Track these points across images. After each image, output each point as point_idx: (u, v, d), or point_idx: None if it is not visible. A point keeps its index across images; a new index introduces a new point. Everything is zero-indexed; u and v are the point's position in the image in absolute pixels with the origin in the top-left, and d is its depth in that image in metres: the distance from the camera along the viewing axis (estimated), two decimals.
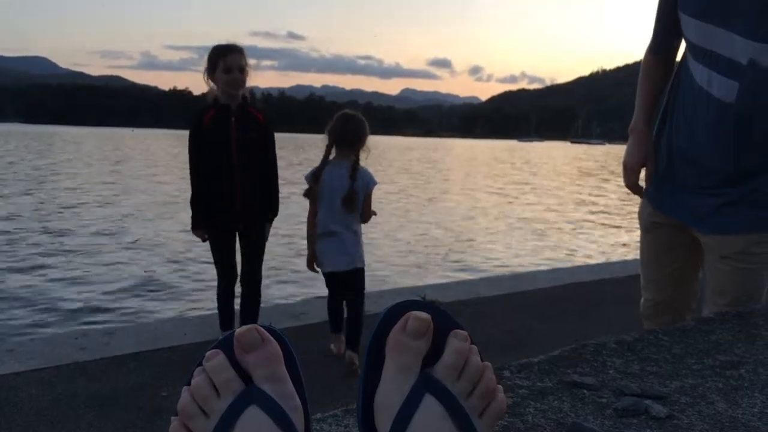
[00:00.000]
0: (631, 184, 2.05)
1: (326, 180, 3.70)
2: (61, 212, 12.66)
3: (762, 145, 1.77)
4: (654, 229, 2.10)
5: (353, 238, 3.77)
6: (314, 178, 3.74)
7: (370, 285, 6.95)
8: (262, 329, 0.52)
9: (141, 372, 3.64)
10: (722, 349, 1.40)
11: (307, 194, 3.78)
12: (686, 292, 2.12)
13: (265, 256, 3.99)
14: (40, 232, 10.24)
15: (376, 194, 3.97)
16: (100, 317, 5.77)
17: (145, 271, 7.69)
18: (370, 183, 3.75)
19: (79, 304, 6.17)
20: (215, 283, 4.03)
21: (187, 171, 3.86)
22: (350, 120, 3.76)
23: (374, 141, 4.03)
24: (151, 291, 6.77)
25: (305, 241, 3.97)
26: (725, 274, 1.90)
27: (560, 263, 8.95)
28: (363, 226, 3.87)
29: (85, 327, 5.30)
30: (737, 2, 1.63)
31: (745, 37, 1.62)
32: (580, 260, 9.32)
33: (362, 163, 3.76)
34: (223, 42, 3.75)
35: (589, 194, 21.45)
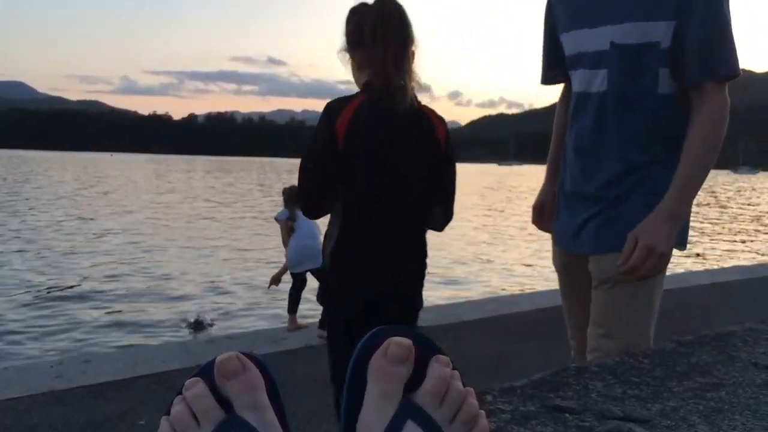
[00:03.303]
0: (533, 222, 2.19)
1: None
2: (38, 235, 12.50)
3: (640, 132, 1.75)
4: (565, 270, 2.02)
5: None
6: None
7: None
8: (243, 356, 0.51)
9: (119, 400, 3.58)
10: (702, 372, 1.41)
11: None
12: None
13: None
14: (22, 256, 10.10)
15: None
16: (76, 344, 5.68)
17: (125, 297, 7.59)
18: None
19: (54, 331, 6.07)
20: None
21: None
22: None
23: None
24: (130, 317, 6.68)
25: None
26: (601, 301, 1.79)
27: (541, 286, 8.98)
28: None
29: (61, 354, 5.21)
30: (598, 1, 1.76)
31: (605, 25, 1.74)
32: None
33: None
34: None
35: None
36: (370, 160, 2.04)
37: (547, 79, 2.05)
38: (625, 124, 1.76)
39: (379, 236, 2.09)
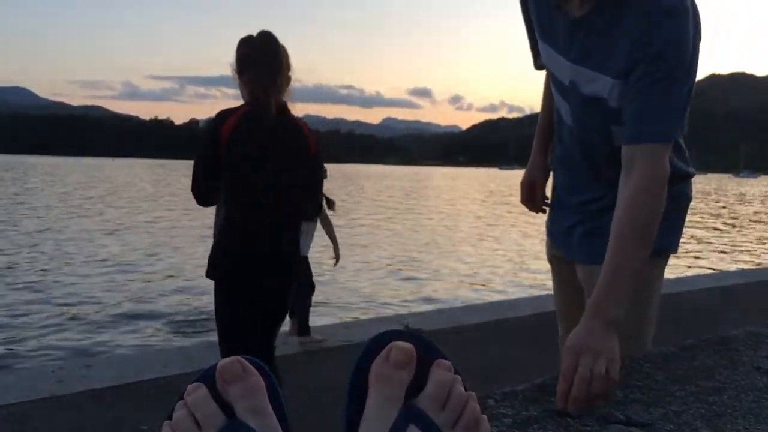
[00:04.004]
0: (522, 201, 2.05)
1: None
2: (44, 241, 12.51)
3: (603, 171, 1.68)
4: (555, 263, 1.99)
5: None
6: None
7: (353, 315, 6.91)
8: (244, 361, 0.51)
9: (120, 405, 3.58)
10: (705, 376, 1.40)
11: None
12: None
13: None
14: (18, 261, 10.10)
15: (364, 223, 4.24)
16: (78, 349, 5.68)
17: (125, 302, 7.59)
18: None
19: (56, 335, 6.07)
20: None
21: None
22: None
23: (355, 169, 4.10)
24: (131, 321, 6.67)
25: None
26: None
27: (542, 290, 8.97)
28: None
29: (62, 359, 5.21)
30: (556, 22, 1.60)
31: (565, 57, 1.60)
32: None
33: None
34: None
35: None
36: (249, 159, 2.60)
37: (537, 66, 1.94)
38: (592, 163, 1.73)
39: (255, 219, 2.65)
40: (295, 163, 2.69)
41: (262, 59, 2.67)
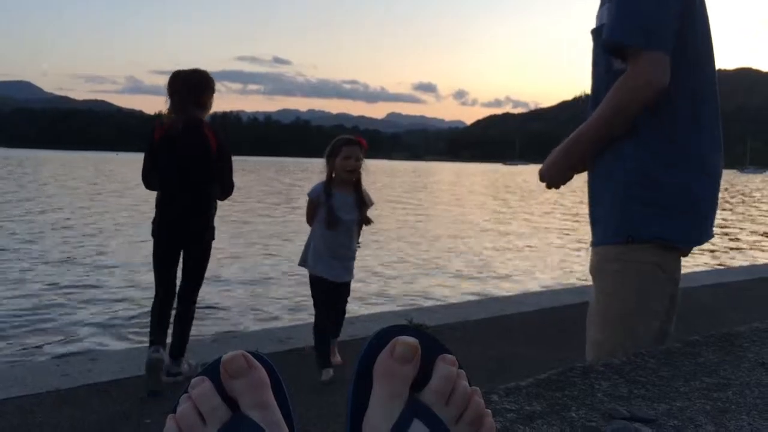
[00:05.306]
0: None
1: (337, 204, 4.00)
2: (48, 234, 12.55)
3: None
4: None
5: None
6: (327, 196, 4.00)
7: (358, 310, 6.91)
8: (249, 355, 0.51)
9: (124, 399, 3.59)
10: (709, 372, 1.40)
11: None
12: None
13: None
14: (27, 257, 10.13)
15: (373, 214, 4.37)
16: (82, 343, 5.69)
17: (129, 296, 7.60)
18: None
19: (61, 329, 6.09)
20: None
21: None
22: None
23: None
24: (135, 316, 6.69)
25: (291, 267, 4.39)
26: (592, 296, 1.83)
27: (546, 286, 8.96)
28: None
29: (67, 353, 5.22)
30: None
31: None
32: (566, 283, 9.34)
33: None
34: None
35: (578, 216, 21.59)
36: (166, 158, 3.84)
37: None
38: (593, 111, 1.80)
39: (173, 202, 3.88)
40: (200, 161, 3.84)
41: (178, 92, 3.88)
